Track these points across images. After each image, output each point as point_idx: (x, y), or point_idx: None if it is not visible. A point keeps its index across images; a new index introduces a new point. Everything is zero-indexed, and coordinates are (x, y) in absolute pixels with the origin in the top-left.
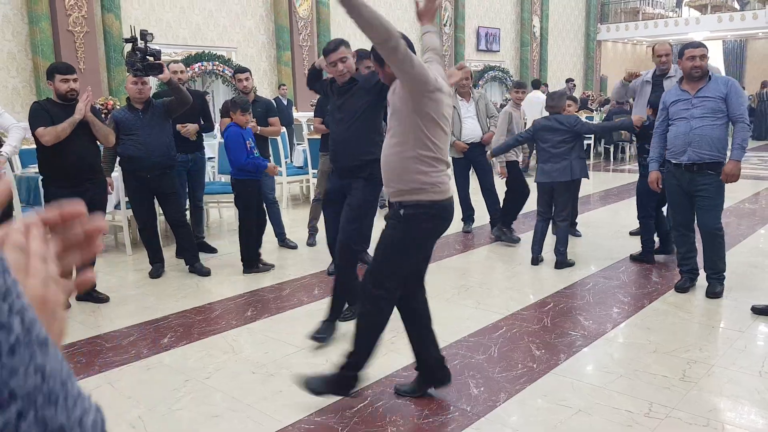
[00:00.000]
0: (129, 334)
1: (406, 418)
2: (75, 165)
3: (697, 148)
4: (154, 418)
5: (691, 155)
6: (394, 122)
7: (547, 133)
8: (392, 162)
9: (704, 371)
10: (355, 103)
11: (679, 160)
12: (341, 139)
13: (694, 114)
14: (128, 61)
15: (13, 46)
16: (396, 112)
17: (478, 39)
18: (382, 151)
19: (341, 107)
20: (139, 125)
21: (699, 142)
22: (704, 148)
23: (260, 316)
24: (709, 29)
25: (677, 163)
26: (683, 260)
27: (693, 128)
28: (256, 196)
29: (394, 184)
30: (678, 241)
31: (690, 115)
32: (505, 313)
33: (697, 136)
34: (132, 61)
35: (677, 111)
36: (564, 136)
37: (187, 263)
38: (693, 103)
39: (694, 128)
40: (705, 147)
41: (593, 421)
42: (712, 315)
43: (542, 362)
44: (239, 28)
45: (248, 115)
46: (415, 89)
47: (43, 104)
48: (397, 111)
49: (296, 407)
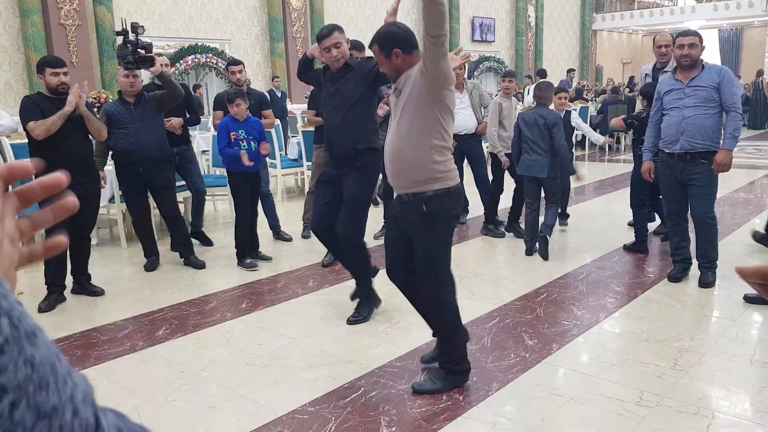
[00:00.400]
0: (124, 327)
1: (399, 407)
2: (68, 159)
3: (689, 137)
4: (150, 410)
5: (683, 144)
6: (408, 113)
7: (527, 127)
8: (407, 153)
9: (696, 360)
10: (350, 90)
11: (672, 149)
12: (335, 126)
13: (686, 103)
14: (119, 54)
15: (4, 39)
16: (411, 103)
17: (472, 29)
18: (388, 143)
19: (335, 94)
20: (130, 119)
21: (691, 131)
22: (696, 137)
23: (255, 308)
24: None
25: (670, 152)
26: (676, 250)
27: (685, 117)
28: (243, 188)
29: (409, 175)
30: (671, 231)
31: (683, 104)
32: (499, 303)
33: (689, 126)
34: (123, 54)
35: (670, 100)
36: (541, 132)
37: (182, 256)
38: (686, 93)
39: (686, 117)
40: (697, 136)
41: (585, 410)
42: (705, 304)
43: (535, 352)
44: (232, 20)
45: (240, 105)
46: (439, 82)
47: (34, 98)
48: (413, 102)
49: (290, 397)
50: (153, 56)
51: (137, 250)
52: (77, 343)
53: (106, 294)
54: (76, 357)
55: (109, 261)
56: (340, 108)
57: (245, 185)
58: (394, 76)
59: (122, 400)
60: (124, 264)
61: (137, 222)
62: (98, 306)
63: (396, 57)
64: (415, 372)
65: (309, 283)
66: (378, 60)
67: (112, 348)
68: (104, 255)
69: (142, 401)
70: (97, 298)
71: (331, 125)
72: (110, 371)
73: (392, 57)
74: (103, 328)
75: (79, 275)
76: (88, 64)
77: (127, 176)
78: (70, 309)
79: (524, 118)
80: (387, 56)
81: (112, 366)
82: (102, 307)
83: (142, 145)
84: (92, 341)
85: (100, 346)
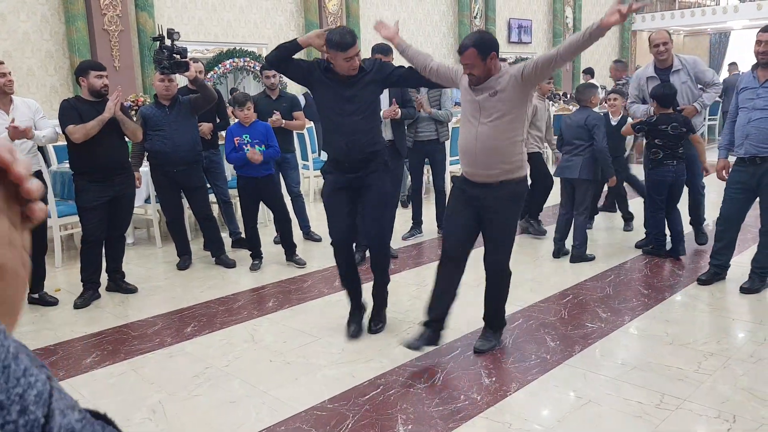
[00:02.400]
0: (154, 323)
1: (416, 406)
2: (104, 160)
3: (754, 141)
4: (174, 403)
5: (748, 148)
6: (503, 112)
7: (567, 129)
8: (502, 146)
9: (720, 363)
10: (370, 93)
11: (738, 153)
12: (354, 130)
13: (756, 105)
14: (156, 59)
15: (50, 45)
16: (510, 103)
17: (509, 31)
18: (476, 137)
19: (353, 98)
20: (166, 121)
21: (756, 135)
22: (762, 141)
23: (281, 306)
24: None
25: (740, 156)
26: (717, 253)
27: (751, 120)
28: (249, 191)
29: (499, 164)
30: (717, 234)
31: (752, 105)
32: (523, 305)
33: (754, 129)
34: (159, 59)
35: (743, 100)
36: (578, 133)
37: (213, 255)
38: (758, 93)
39: (752, 120)
40: (764, 140)
41: (602, 412)
42: (734, 308)
43: (556, 353)
44: (270, 24)
45: (245, 110)
46: (532, 90)
47: (72, 102)
48: (512, 102)
49: (310, 394)
50: (188, 61)
51: (171, 250)
52: (109, 339)
53: (139, 291)
54: (106, 352)
55: (144, 260)
56: (360, 112)
57: (251, 189)
58: (484, 77)
59: (148, 393)
60: (158, 263)
61: (171, 222)
62: (131, 303)
63: (491, 60)
64: (435, 371)
65: (335, 282)
66: (470, 62)
67: (141, 344)
68: (139, 254)
69: (166, 395)
70: (130, 295)
71: (349, 129)
72: (138, 366)
73: (488, 60)
74: (134, 324)
75: (113, 273)
76: (130, 69)
77: (162, 177)
78: (104, 306)
79: (565, 120)
80: (483, 59)
81: (140, 361)
82: (134, 304)
83: (177, 147)
84: (123, 337)
85: (130, 341)
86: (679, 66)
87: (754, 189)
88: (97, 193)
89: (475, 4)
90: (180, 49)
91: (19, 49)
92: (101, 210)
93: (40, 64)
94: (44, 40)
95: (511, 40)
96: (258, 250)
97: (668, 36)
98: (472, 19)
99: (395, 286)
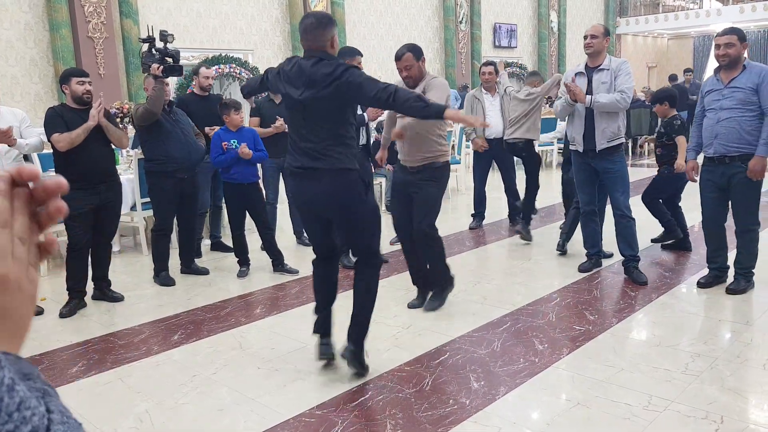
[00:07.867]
0: (141, 332)
1: (405, 411)
2: (90, 168)
3: (723, 141)
4: (161, 412)
5: (717, 148)
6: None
7: None
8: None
9: (707, 364)
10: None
11: (708, 152)
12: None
13: (723, 105)
14: (144, 61)
15: (35, 53)
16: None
17: (494, 35)
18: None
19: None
20: (171, 126)
21: (725, 134)
22: (731, 140)
23: (269, 313)
24: (731, 20)
25: (708, 156)
26: (712, 257)
27: (720, 120)
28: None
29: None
30: (706, 238)
31: (719, 106)
32: (511, 308)
33: (722, 129)
34: (149, 62)
35: (709, 102)
36: None
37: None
38: (723, 94)
39: (720, 120)
40: (732, 139)
41: (591, 414)
42: (721, 309)
43: (544, 356)
44: (255, 30)
45: (241, 113)
46: None
47: (57, 110)
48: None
49: (298, 401)
50: (182, 66)
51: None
52: (95, 348)
53: (125, 300)
54: (93, 361)
55: (130, 268)
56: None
57: (238, 195)
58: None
59: (135, 402)
60: (145, 270)
61: (161, 229)
62: (117, 311)
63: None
64: (424, 376)
65: None
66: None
67: (128, 352)
68: (126, 262)
69: (153, 404)
70: (117, 303)
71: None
72: (125, 374)
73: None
74: (121, 332)
75: (99, 281)
76: (115, 76)
77: (168, 184)
78: (90, 314)
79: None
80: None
81: (127, 369)
82: (121, 313)
83: (190, 152)
84: (109, 345)
85: (116, 350)
86: (607, 66)
87: (725, 189)
88: (83, 200)
89: (461, 8)
90: (173, 52)
91: (3, 57)
92: (87, 217)
93: (24, 72)
94: (28, 48)
95: (496, 44)
96: (245, 257)
97: (600, 30)
98: (458, 23)
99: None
